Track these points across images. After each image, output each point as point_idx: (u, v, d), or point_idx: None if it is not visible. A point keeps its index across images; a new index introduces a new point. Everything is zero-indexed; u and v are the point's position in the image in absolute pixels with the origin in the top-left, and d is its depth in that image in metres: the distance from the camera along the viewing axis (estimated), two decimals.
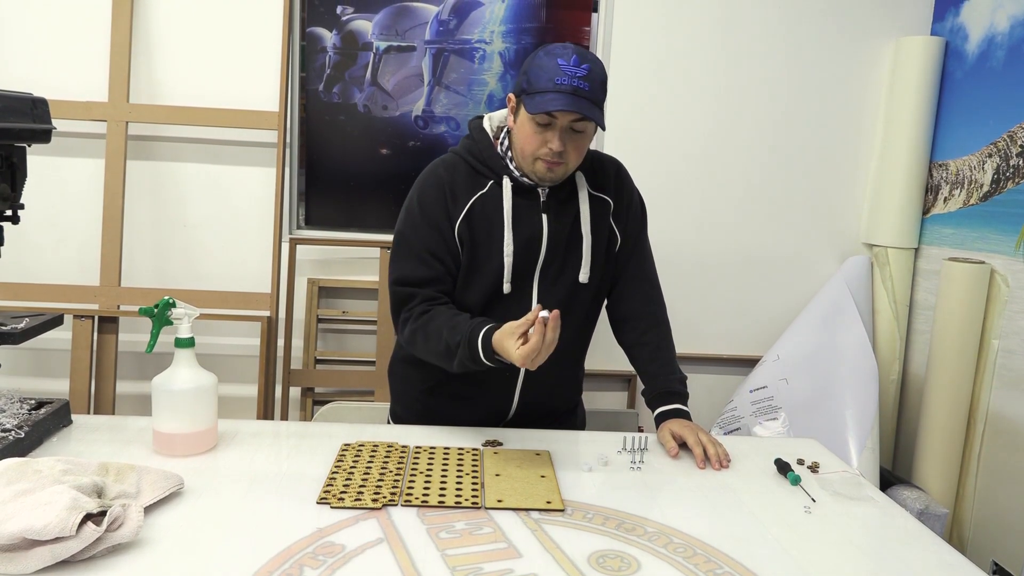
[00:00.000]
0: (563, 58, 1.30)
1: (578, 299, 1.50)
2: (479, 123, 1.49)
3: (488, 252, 1.43)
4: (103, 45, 2.39)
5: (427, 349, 1.38)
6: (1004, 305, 2.23)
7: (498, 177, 1.45)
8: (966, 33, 2.47)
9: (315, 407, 2.57)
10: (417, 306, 1.41)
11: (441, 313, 1.38)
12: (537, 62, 1.33)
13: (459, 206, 1.43)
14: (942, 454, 2.34)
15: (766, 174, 2.69)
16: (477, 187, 1.45)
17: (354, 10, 2.53)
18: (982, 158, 2.36)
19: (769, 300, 2.75)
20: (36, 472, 1.02)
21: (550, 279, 1.47)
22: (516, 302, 1.46)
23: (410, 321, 1.41)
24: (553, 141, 1.34)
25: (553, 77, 1.29)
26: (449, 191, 1.43)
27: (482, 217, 1.43)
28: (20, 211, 1.29)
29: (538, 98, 1.30)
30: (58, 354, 2.48)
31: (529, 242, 1.44)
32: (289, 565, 0.95)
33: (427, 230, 1.43)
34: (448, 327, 1.34)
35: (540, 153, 1.36)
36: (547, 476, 1.26)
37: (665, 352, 1.56)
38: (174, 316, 1.28)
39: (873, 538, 1.13)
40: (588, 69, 1.30)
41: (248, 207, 2.54)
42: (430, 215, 1.43)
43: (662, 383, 1.52)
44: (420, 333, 1.38)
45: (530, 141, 1.36)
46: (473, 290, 1.45)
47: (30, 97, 1.24)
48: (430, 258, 1.42)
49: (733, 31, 2.59)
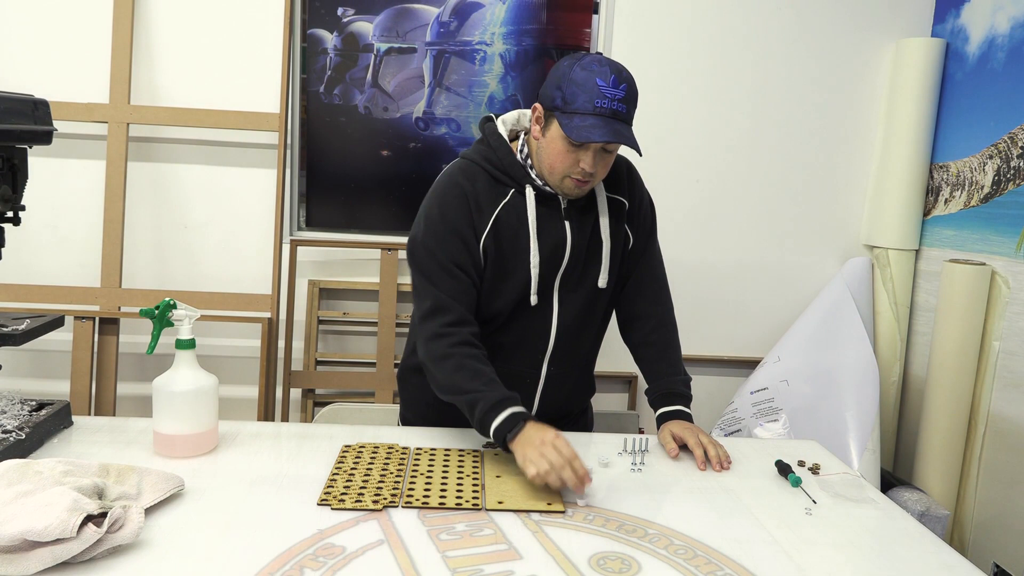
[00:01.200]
0: (602, 77, 1.27)
1: (596, 304, 1.50)
2: (493, 128, 1.45)
3: (514, 263, 1.41)
4: (104, 47, 2.39)
5: (451, 379, 1.33)
6: (1005, 307, 2.23)
7: (520, 186, 1.42)
8: (967, 35, 2.47)
9: (316, 408, 2.57)
10: (458, 328, 1.36)
11: (485, 359, 1.35)
12: (573, 77, 1.28)
13: (485, 218, 1.40)
14: (943, 456, 2.33)
15: (767, 176, 2.69)
16: (500, 197, 1.41)
17: (355, 12, 2.53)
18: (983, 160, 2.36)
19: (770, 302, 2.75)
20: (37, 473, 1.02)
21: (571, 286, 1.46)
22: (538, 310, 1.45)
23: (444, 340, 1.34)
24: (586, 161, 1.32)
25: (593, 99, 1.26)
26: (474, 203, 1.40)
27: (507, 228, 1.41)
28: (21, 212, 1.29)
29: (577, 120, 1.27)
30: (59, 355, 2.49)
31: (554, 251, 1.42)
32: (290, 567, 0.95)
33: (453, 241, 1.38)
34: (489, 380, 1.31)
35: (571, 172, 1.34)
36: None
37: (671, 352, 1.55)
38: (175, 317, 1.28)
39: (874, 540, 1.13)
40: (625, 89, 1.28)
41: (249, 209, 2.55)
42: (455, 226, 1.38)
43: (666, 383, 1.51)
44: (454, 360, 1.33)
45: (561, 159, 1.33)
46: (500, 300, 1.43)
47: (31, 99, 1.24)
48: (457, 270, 1.38)
49: (733, 34, 2.59)
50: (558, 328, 1.47)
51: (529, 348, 1.48)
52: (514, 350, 1.48)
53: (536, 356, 1.49)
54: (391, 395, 2.51)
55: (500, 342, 1.47)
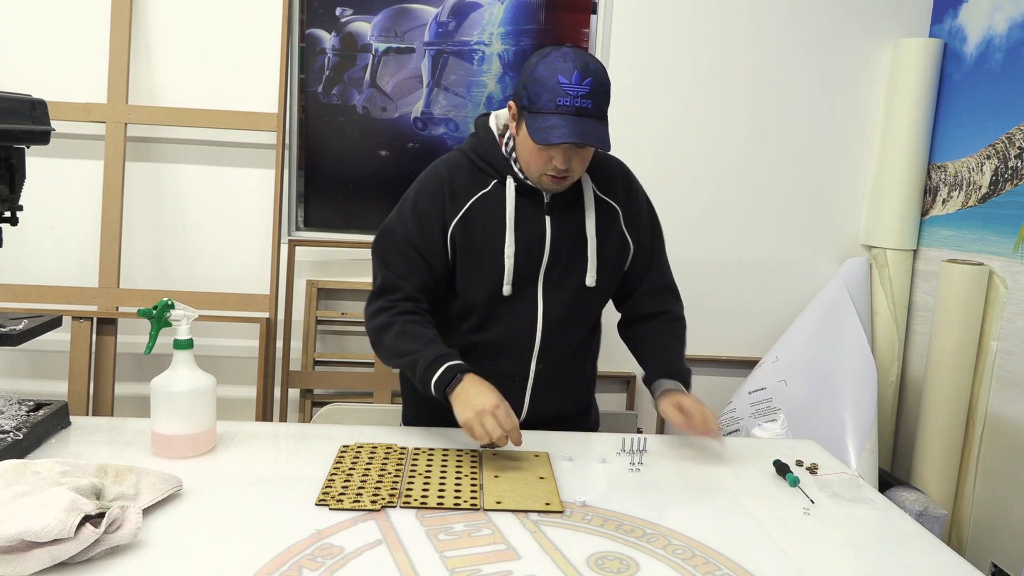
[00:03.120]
0: (564, 74, 1.25)
1: (585, 302, 1.49)
2: (485, 121, 1.47)
3: (490, 253, 1.42)
4: (102, 46, 2.39)
5: (393, 345, 1.37)
6: (1003, 307, 2.23)
7: (501, 177, 1.43)
8: (964, 35, 2.47)
9: (314, 408, 2.57)
10: (402, 301, 1.41)
11: (426, 324, 1.39)
12: (536, 76, 1.28)
13: (457, 206, 1.42)
14: (941, 456, 2.34)
15: (765, 176, 2.69)
16: (480, 186, 1.43)
17: (353, 12, 2.53)
18: (980, 160, 2.36)
19: (768, 302, 2.75)
20: (35, 474, 1.01)
21: (555, 282, 1.46)
22: (520, 305, 1.45)
23: (387, 312, 1.40)
24: (558, 159, 1.32)
25: (555, 97, 1.25)
26: (448, 190, 1.43)
27: (482, 217, 1.42)
28: (19, 212, 1.29)
29: (540, 121, 1.27)
30: (57, 356, 2.48)
31: (532, 244, 1.43)
32: (288, 567, 0.95)
33: (413, 225, 1.43)
34: (428, 340, 1.35)
35: (546, 169, 1.35)
36: (546, 477, 1.26)
37: (680, 343, 1.55)
38: (173, 317, 1.28)
39: (872, 540, 1.13)
40: (590, 84, 1.26)
41: (247, 209, 2.54)
42: (420, 211, 1.43)
43: (675, 365, 1.49)
44: (396, 327, 1.37)
45: (534, 158, 1.34)
46: (474, 291, 1.45)
47: (29, 99, 1.24)
48: (412, 251, 1.42)
49: (731, 34, 2.60)
50: (544, 324, 1.46)
51: (516, 345, 1.48)
52: (501, 347, 1.48)
53: (523, 353, 1.49)
54: (389, 395, 2.51)
55: (487, 340, 1.47)
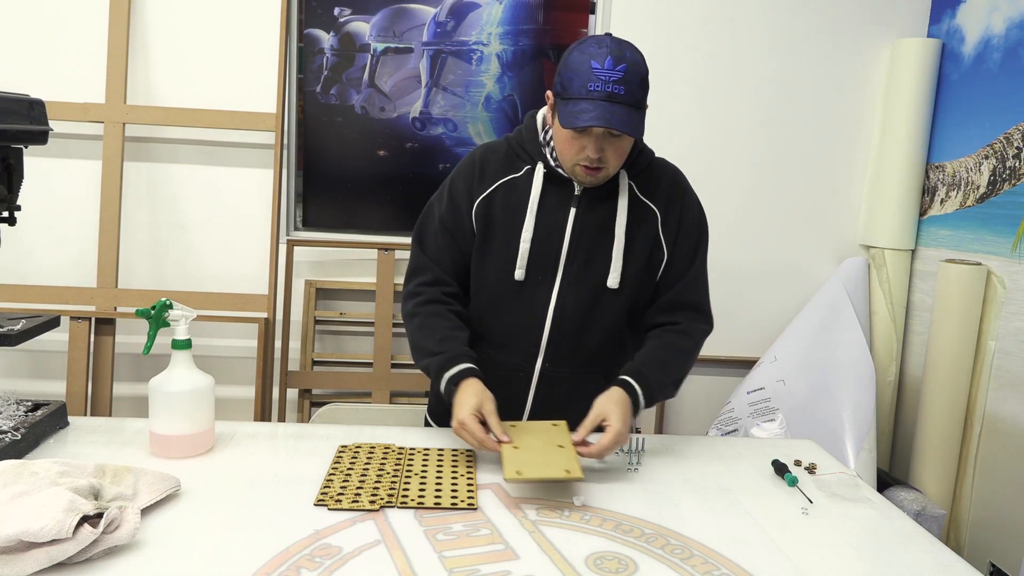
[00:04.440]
0: (597, 59, 1.23)
1: (604, 305, 1.43)
2: (534, 112, 1.47)
3: (507, 235, 1.41)
4: (100, 46, 2.39)
5: (414, 339, 1.42)
6: (1000, 306, 2.23)
7: (534, 162, 1.43)
8: (962, 35, 2.47)
9: (312, 409, 2.57)
10: (428, 287, 1.45)
11: (446, 314, 1.43)
12: (570, 62, 1.27)
13: (485, 185, 1.43)
14: (939, 455, 2.34)
15: (763, 176, 2.69)
16: (511, 170, 1.44)
17: (351, 12, 2.53)
18: (978, 160, 2.37)
19: (766, 302, 2.76)
20: (33, 474, 1.01)
21: (572, 279, 1.42)
22: (533, 294, 1.42)
23: (413, 300, 1.45)
24: (590, 148, 1.29)
25: (586, 82, 1.23)
26: (479, 169, 1.45)
27: (506, 199, 1.42)
28: (17, 213, 1.29)
29: (570, 106, 1.25)
30: (55, 356, 2.48)
31: (551, 232, 1.40)
32: (286, 567, 0.95)
33: (447, 204, 1.46)
34: (442, 337, 1.38)
35: (578, 159, 1.32)
36: (564, 446, 1.26)
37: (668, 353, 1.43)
38: (171, 318, 1.27)
39: (870, 539, 1.14)
40: (624, 70, 1.24)
41: (245, 209, 2.54)
42: (454, 191, 1.46)
43: (646, 368, 1.37)
44: (418, 319, 1.42)
45: (567, 147, 1.32)
46: (488, 272, 1.45)
47: (27, 98, 1.24)
48: (444, 231, 1.46)
49: (730, 34, 2.60)
50: (553, 320, 1.42)
51: (522, 337, 1.45)
52: (507, 338, 1.46)
53: (529, 348, 1.45)
54: (387, 395, 2.51)
55: (493, 328, 1.46)
